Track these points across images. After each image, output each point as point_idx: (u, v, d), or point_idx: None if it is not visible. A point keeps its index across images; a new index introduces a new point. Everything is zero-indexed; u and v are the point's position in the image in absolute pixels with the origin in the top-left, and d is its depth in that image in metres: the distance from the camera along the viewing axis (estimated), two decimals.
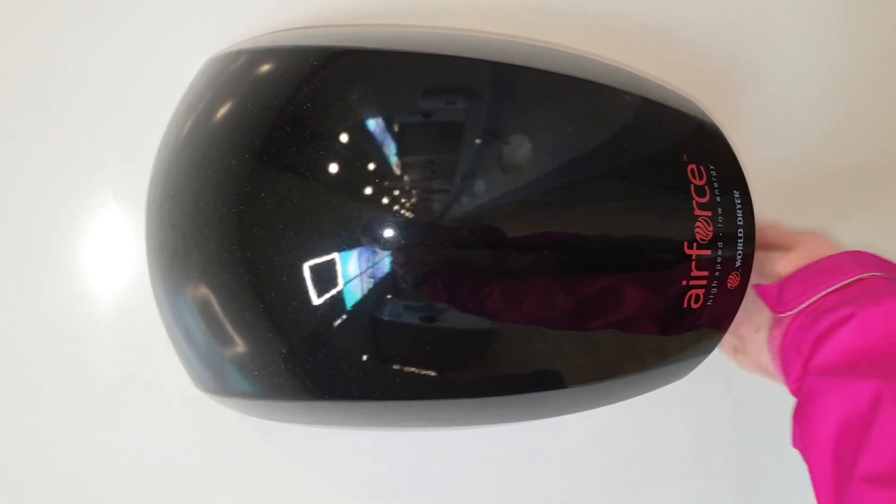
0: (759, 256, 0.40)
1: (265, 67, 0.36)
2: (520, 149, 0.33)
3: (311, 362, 0.33)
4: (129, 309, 0.45)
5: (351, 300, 0.32)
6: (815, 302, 0.39)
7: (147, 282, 0.41)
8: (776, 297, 0.41)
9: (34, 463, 0.45)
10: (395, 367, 0.34)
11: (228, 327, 0.34)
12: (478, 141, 0.33)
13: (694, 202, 0.37)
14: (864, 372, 0.35)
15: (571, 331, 0.36)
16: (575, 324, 0.36)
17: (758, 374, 0.45)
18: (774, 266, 0.42)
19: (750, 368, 0.46)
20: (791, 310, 0.39)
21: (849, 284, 0.38)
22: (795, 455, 0.38)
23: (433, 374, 0.35)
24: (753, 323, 0.44)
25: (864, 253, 0.40)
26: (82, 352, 0.45)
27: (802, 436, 0.37)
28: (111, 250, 0.45)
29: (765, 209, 0.42)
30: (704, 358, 0.42)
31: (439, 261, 0.32)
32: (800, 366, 0.38)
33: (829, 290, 0.38)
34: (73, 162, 0.44)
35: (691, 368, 0.42)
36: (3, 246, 0.44)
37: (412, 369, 0.34)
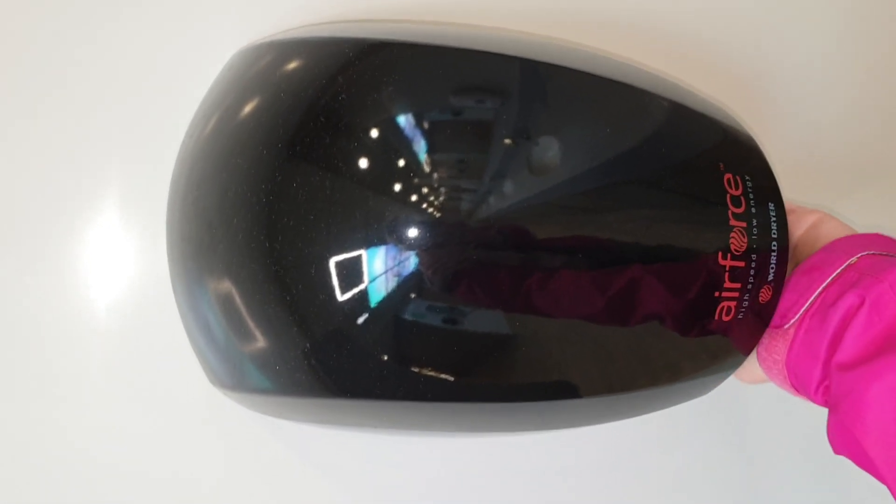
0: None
1: (298, 58, 0.35)
2: (560, 150, 0.33)
3: (336, 358, 0.32)
4: (137, 304, 0.44)
5: (377, 297, 0.31)
6: (814, 301, 0.37)
7: (157, 276, 0.41)
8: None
9: (41, 465, 0.44)
10: (418, 367, 0.33)
11: (251, 321, 0.33)
12: (514, 140, 0.32)
13: (730, 212, 0.36)
14: (894, 348, 0.33)
15: (597, 339, 0.35)
16: (603, 331, 0.35)
17: (752, 383, 0.44)
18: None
19: (744, 380, 0.44)
20: (791, 319, 0.38)
21: (841, 273, 0.37)
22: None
23: (456, 375, 0.34)
24: None
25: (837, 241, 0.39)
26: (88, 349, 0.44)
27: (853, 436, 0.34)
28: (118, 249, 0.44)
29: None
30: (732, 372, 0.41)
31: (466, 261, 0.31)
32: (819, 370, 0.36)
33: (823, 285, 0.37)
34: (92, 159, 0.43)
35: (718, 383, 0.41)
36: (11, 243, 0.42)
37: (435, 370, 0.33)
